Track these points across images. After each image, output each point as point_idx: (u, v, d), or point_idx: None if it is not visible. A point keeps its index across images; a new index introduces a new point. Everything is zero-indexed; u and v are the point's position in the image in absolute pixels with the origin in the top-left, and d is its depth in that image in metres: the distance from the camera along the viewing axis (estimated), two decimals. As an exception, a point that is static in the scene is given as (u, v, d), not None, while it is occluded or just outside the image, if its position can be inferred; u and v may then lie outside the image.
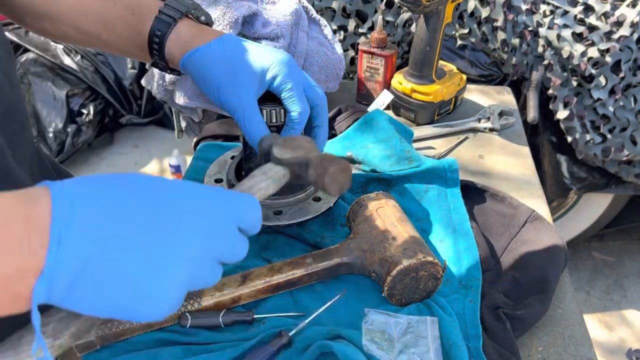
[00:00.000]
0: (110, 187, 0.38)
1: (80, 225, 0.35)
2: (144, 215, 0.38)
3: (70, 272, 0.35)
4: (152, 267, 0.38)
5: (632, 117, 1.47)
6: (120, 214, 0.37)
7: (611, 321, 1.97)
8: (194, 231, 0.40)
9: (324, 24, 1.09)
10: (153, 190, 0.40)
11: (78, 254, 0.35)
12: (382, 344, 0.59)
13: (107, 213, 0.37)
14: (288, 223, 0.70)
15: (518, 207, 0.79)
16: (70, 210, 0.35)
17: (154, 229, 0.38)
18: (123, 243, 0.37)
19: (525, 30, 1.50)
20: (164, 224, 0.39)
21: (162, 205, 0.39)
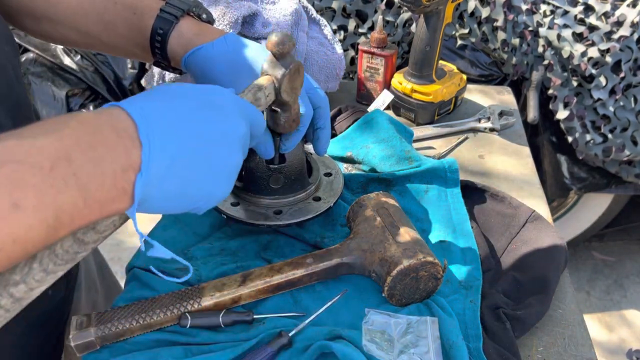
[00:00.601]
0: (169, 96, 0.45)
1: (160, 129, 0.42)
2: (205, 112, 0.46)
3: (162, 166, 0.42)
4: (222, 153, 0.46)
5: (633, 117, 1.47)
6: (187, 116, 0.44)
7: (611, 321, 1.97)
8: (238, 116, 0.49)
9: (324, 24, 1.09)
10: (202, 93, 0.48)
11: (166, 150, 0.42)
12: (382, 344, 0.59)
13: (177, 116, 0.44)
14: (288, 223, 0.70)
15: (518, 207, 0.79)
16: (146, 119, 0.41)
17: (215, 120, 0.46)
18: (198, 138, 0.44)
19: (525, 30, 1.50)
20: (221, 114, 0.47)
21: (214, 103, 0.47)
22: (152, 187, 0.42)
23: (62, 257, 0.43)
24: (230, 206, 0.72)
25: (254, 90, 0.59)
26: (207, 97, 0.48)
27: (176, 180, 0.43)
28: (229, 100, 0.49)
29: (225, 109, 0.48)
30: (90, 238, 0.45)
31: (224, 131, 0.47)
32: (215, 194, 0.48)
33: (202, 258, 0.70)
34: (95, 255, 0.87)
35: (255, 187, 0.72)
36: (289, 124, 0.64)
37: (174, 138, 0.43)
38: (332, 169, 0.80)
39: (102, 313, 0.60)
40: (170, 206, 0.45)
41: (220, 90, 0.50)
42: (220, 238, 0.74)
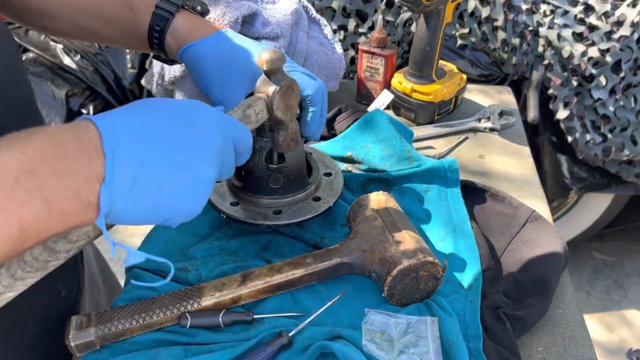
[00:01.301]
0: (141, 109, 0.45)
1: (126, 140, 0.42)
2: (175, 125, 0.45)
3: (128, 177, 0.41)
4: (193, 165, 0.46)
5: (633, 117, 1.46)
6: (156, 127, 0.44)
7: (611, 321, 1.97)
8: (215, 129, 0.48)
9: (324, 24, 1.09)
10: (173, 107, 0.47)
11: (131, 161, 0.41)
12: (382, 344, 0.58)
13: (146, 127, 0.43)
14: (287, 222, 0.70)
15: (518, 207, 0.79)
16: (112, 129, 0.41)
17: (187, 133, 0.46)
18: (167, 150, 0.44)
19: (525, 30, 1.49)
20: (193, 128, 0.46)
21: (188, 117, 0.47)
22: (119, 199, 0.41)
23: (31, 265, 0.43)
24: (230, 206, 0.72)
25: (243, 107, 0.59)
26: (181, 111, 0.47)
27: (144, 192, 0.43)
28: (206, 115, 0.49)
29: (200, 123, 0.47)
30: (61, 247, 0.45)
31: (195, 144, 0.46)
32: (186, 208, 0.47)
33: (202, 258, 0.70)
34: (97, 257, 0.88)
35: (255, 187, 0.71)
36: (287, 143, 0.64)
37: (139, 149, 0.42)
38: (332, 168, 0.80)
39: (102, 313, 0.60)
40: (141, 218, 0.45)
41: (200, 105, 0.50)
42: (220, 238, 0.74)
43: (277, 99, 0.60)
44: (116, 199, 0.41)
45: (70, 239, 0.45)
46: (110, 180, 0.40)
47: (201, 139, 0.47)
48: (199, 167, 0.46)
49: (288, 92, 0.61)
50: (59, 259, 0.46)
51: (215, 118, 0.50)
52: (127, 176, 0.41)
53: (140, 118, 0.44)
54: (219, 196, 0.73)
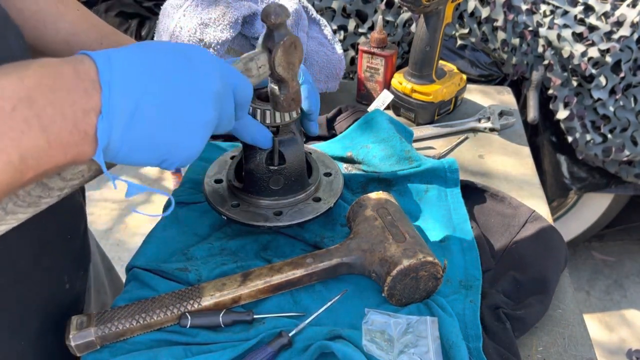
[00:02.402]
0: (142, 46, 0.45)
1: (123, 74, 0.41)
2: (175, 62, 0.45)
3: (125, 111, 0.41)
4: (190, 103, 0.45)
5: (633, 117, 1.47)
6: (154, 63, 0.44)
7: (611, 321, 1.97)
8: (215, 72, 0.48)
9: (324, 24, 1.09)
10: (174, 46, 0.47)
11: (128, 95, 0.41)
12: (382, 344, 0.59)
13: (144, 62, 0.43)
14: (288, 224, 0.70)
15: (518, 207, 0.79)
16: (110, 63, 0.41)
17: (185, 71, 0.45)
18: (164, 85, 0.44)
19: (525, 30, 1.50)
20: (193, 67, 0.46)
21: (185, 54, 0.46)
22: (116, 132, 0.41)
23: (23, 199, 0.43)
24: (231, 207, 0.72)
25: (245, 60, 0.57)
26: (182, 51, 0.47)
27: (142, 127, 0.43)
28: (207, 58, 0.49)
29: (200, 64, 0.47)
30: (55, 184, 0.45)
31: (194, 82, 0.46)
32: (183, 147, 0.47)
33: (202, 258, 0.70)
34: (103, 259, 0.88)
35: (255, 189, 0.72)
36: (288, 102, 0.62)
37: (138, 82, 0.42)
38: (332, 169, 0.80)
39: (102, 313, 0.60)
40: (138, 156, 0.45)
41: (201, 49, 0.49)
42: (220, 238, 0.74)
43: (279, 55, 0.58)
44: (113, 132, 0.41)
45: (64, 177, 0.45)
46: (107, 113, 0.40)
47: (200, 79, 0.47)
48: (197, 106, 0.46)
49: (291, 48, 0.59)
50: (51, 196, 0.45)
51: (216, 63, 0.49)
52: (124, 109, 0.41)
53: (139, 54, 0.44)
54: (220, 197, 0.73)
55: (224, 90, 0.49)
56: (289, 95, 0.62)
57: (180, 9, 0.97)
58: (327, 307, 0.62)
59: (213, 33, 0.94)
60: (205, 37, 0.94)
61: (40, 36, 0.66)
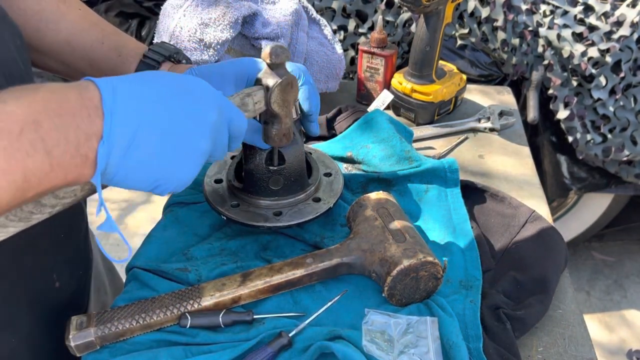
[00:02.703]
0: (143, 76, 0.47)
1: (125, 102, 0.43)
2: (175, 93, 0.47)
3: (125, 137, 0.43)
4: (188, 134, 0.47)
5: (632, 117, 1.47)
6: (156, 94, 0.46)
7: (611, 321, 1.97)
8: (212, 104, 0.50)
9: (324, 24, 1.09)
10: (175, 78, 0.49)
11: (129, 122, 0.43)
12: (382, 344, 0.58)
13: (145, 92, 0.45)
14: (287, 224, 0.70)
15: (518, 207, 0.79)
16: (113, 91, 0.43)
17: (184, 102, 0.48)
18: (164, 115, 0.46)
19: (525, 30, 1.50)
20: (191, 98, 0.48)
21: (185, 86, 0.49)
22: (115, 157, 0.43)
23: (15, 214, 0.45)
24: (230, 207, 0.72)
25: (242, 95, 0.60)
26: (182, 83, 0.49)
27: (139, 154, 0.45)
28: (206, 91, 0.51)
29: (199, 96, 0.49)
30: (48, 202, 0.46)
31: (192, 113, 0.48)
32: (178, 175, 0.49)
33: (202, 258, 0.70)
34: (103, 259, 0.88)
35: (255, 189, 0.72)
36: (279, 137, 0.65)
37: (138, 110, 0.44)
38: (332, 169, 0.80)
39: (102, 313, 0.60)
40: (133, 181, 0.46)
41: (200, 81, 0.51)
42: (220, 238, 0.74)
43: (276, 93, 0.61)
44: (112, 157, 0.43)
45: (57, 195, 0.47)
46: (108, 139, 0.42)
47: (199, 111, 0.49)
48: (193, 137, 0.48)
49: (287, 87, 0.62)
50: (43, 213, 0.47)
51: (214, 95, 0.51)
52: (124, 136, 0.43)
53: (142, 84, 0.46)
54: (220, 198, 0.73)
55: (220, 122, 0.52)
56: (281, 130, 0.64)
57: (181, 9, 0.97)
58: (327, 307, 0.62)
59: (213, 33, 0.94)
60: (205, 37, 0.94)
61: (42, 36, 0.66)
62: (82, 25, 0.68)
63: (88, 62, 0.68)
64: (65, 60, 0.68)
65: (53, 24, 0.66)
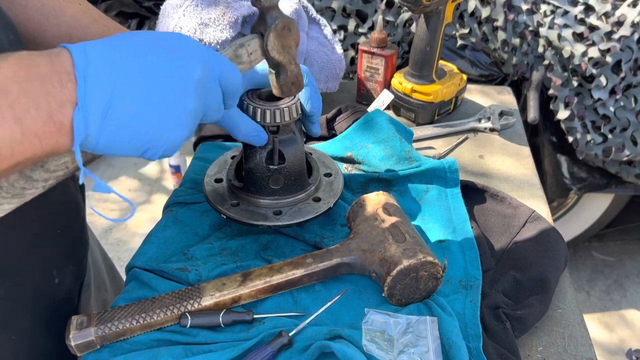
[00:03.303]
0: (119, 37, 0.45)
1: (98, 65, 0.41)
2: (153, 52, 0.45)
3: (101, 102, 0.41)
4: (169, 92, 0.45)
5: (633, 117, 1.47)
6: (132, 53, 0.44)
7: (611, 321, 1.97)
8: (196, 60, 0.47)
9: (324, 24, 1.09)
10: (153, 35, 0.47)
11: (104, 86, 0.41)
12: (382, 344, 0.59)
13: (120, 53, 0.43)
14: (287, 223, 0.70)
15: (518, 207, 0.79)
16: (85, 55, 0.41)
17: (163, 60, 0.45)
18: (141, 75, 0.43)
19: (525, 30, 1.50)
20: (171, 55, 0.46)
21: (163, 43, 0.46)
22: (94, 124, 0.42)
23: (7, 190, 0.44)
24: (230, 206, 0.72)
25: (235, 46, 0.56)
26: (161, 39, 0.47)
27: (119, 118, 0.43)
28: (186, 44, 0.48)
29: (178, 51, 0.47)
30: (38, 176, 0.45)
31: (173, 72, 0.46)
32: (165, 137, 0.46)
33: (202, 258, 0.70)
34: (104, 257, 0.88)
35: (255, 188, 0.72)
36: (288, 87, 0.60)
37: (112, 73, 0.42)
38: (332, 169, 0.80)
39: (102, 313, 0.60)
40: (118, 147, 0.45)
41: (183, 36, 0.49)
42: (220, 238, 0.74)
43: (272, 38, 0.56)
44: (91, 124, 0.41)
45: (48, 168, 0.45)
46: (83, 105, 0.40)
47: (179, 66, 0.46)
48: (176, 95, 0.46)
49: (284, 31, 0.56)
50: (36, 188, 0.46)
51: (199, 51, 0.49)
52: (100, 101, 0.41)
53: (116, 44, 0.44)
54: (220, 197, 0.73)
55: (208, 77, 0.49)
56: (289, 79, 0.59)
57: (180, 9, 0.97)
58: (327, 307, 0.62)
59: (213, 33, 0.94)
60: (205, 37, 0.94)
61: (43, 32, 0.66)
62: (82, 21, 0.67)
63: None
64: None
65: (54, 18, 0.66)
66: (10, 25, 0.57)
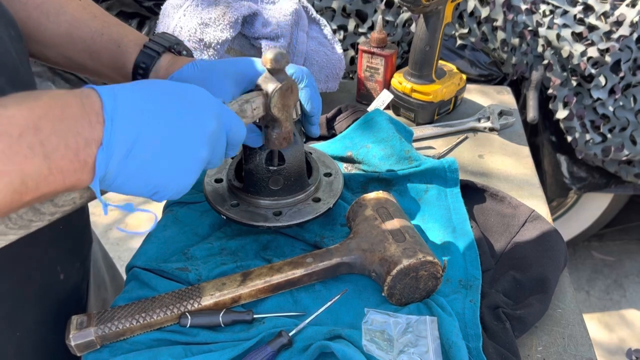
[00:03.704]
0: (144, 85, 0.48)
1: (125, 110, 0.44)
2: (175, 102, 0.48)
3: (124, 144, 0.44)
4: (186, 142, 0.48)
5: (632, 116, 1.47)
6: (156, 102, 0.47)
7: (611, 321, 1.97)
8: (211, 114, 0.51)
9: (324, 24, 1.09)
10: (174, 86, 0.50)
11: (129, 129, 0.44)
12: (382, 344, 0.59)
13: (146, 101, 0.46)
14: (287, 224, 0.70)
15: (518, 207, 0.79)
16: (114, 99, 0.44)
17: (184, 111, 0.48)
18: (163, 123, 0.46)
19: (524, 30, 1.50)
20: (190, 107, 0.49)
21: (186, 97, 0.50)
22: (114, 163, 0.44)
23: (15, 222, 0.45)
24: (230, 207, 0.72)
25: (241, 101, 0.60)
26: (181, 90, 0.50)
27: (138, 161, 0.45)
28: (205, 98, 0.52)
29: (197, 104, 0.50)
30: (46, 209, 0.47)
31: (192, 122, 0.49)
32: (175, 182, 0.49)
33: (202, 258, 0.70)
34: (104, 256, 0.88)
35: (255, 188, 0.72)
36: (279, 141, 0.65)
37: (138, 118, 0.45)
38: (332, 169, 0.80)
39: (102, 312, 0.60)
40: (131, 187, 0.47)
41: (199, 89, 0.52)
42: (220, 238, 0.74)
43: (276, 97, 0.61)
44: (111, 163, 0.44)
45: (57, 203, 0.47)
46: (108, 145, 0.43)
47: (197, 119, 0.49)
48: (192, 145, 0.49)
49: (287, 92, 0.62)
50: (42, 221, 0.47)
51: (213, 104, 0.52)
52: (124, 143, 0.44)
53: (141, 91, 0.47)
54: (220, 197, 0.73)
55: (219, 130, 0.52)
56: (282, 134, 0.65)
57: (181, 9, 0.97)
58: (327, 307, 0.62)
59: (213, 33, 0.94)
60: (205, 36, 0.94)
61: (44, 29, 0.66)
62: (82, 17, 0.68)
63: (88, 54, 0.69)
64: (66, 52, 0.68)
65: (54, 16, 0.66)
66: (12, 22, 0.57)
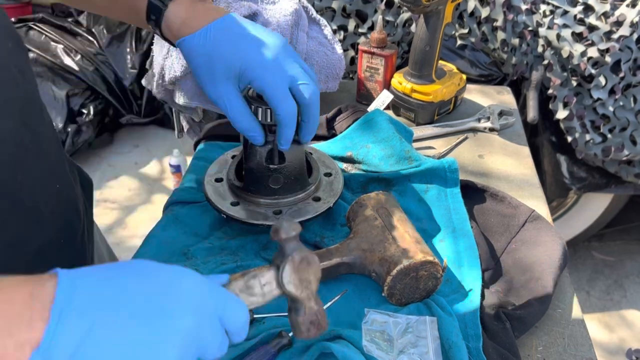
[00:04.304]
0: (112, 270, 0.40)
1: (80, 304, 0.37)
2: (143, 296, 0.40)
3: (67, 349, 0.36)
4: (149, 344, 0.39)
5: (632, 116, 1.47)
6: (119, 296, 0.39)
7: (611, 321, 1.97)
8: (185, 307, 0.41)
9: (324, 24, 1.09)
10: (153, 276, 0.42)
11: (75, 331, 0.36)
12: (382, 344, 0.59)
13: (107, 294, 0.38)
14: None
15: (518, 207, 0.79)
16: (71, 289, 0.37)
17: (152, 307, 0.39)
18: (121, 323, 0.38)
19: (525, 30, 1.50)
20: (161, 303, 0.40)
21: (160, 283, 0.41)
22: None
23: None
24: (230, 206, 0.72)
25: (248, 276, 0.50)
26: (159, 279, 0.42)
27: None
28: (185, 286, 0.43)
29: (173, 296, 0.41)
30: None
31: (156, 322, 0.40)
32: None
33: (202, 258, 0.70)
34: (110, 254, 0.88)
35: (255, 187, 0.72)
36: (306, 326, 0.51)
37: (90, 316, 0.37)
38: (332, 169, 0.80)
39: (102, 313, 0.60)
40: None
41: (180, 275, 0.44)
42: (220, 237, 0.74)
43: (287, 271, 0.50)
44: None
45: None
46: (47, 347, 0.35)
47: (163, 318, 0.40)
48: (154, 350, 0.39)
49: (302, 264, 0.51)
50: None
51: (194, 292, 0.43)
52: (68, 345, 0.36)
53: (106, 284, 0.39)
54: (220, 196, 0.73)
55: (202, 324, 0.42)
56: (306, 317, 0.51)
57: (180, 9, 0.97)
58: (327, 307, 0.62)
59: (213, 33, 0.94)
60: (205, 37, 0.94)
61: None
62: None
63: None
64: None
65: None
66: (11, 33, 0.56)
